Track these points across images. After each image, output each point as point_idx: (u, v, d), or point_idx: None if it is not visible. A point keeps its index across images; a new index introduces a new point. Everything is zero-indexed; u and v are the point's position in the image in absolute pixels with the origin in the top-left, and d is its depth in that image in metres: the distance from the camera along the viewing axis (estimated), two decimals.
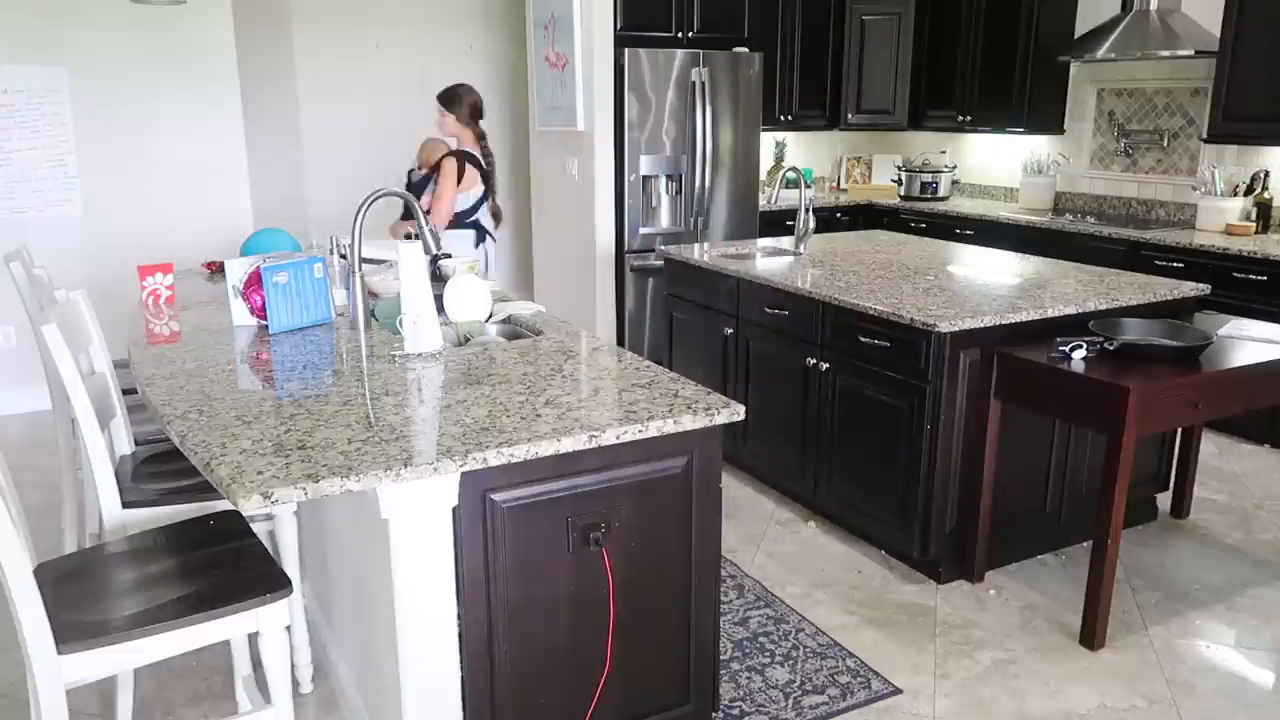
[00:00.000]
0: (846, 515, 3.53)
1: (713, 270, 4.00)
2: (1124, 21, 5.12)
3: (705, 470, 2.15)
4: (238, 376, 2.40)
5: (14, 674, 2.69)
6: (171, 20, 5.07)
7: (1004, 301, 3.22)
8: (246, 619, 1.85)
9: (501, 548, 1.95)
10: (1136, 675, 2.71)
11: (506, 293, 3.45)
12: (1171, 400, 2.77)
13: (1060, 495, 3.39)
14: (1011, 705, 2.59)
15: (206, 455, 1.81)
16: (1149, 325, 3.07)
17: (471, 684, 1.99)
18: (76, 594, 1.86)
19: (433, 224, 4.02)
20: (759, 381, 3.83)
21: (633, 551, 2.10)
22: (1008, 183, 6.39)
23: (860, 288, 3.44)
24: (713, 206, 5.58)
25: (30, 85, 4.87)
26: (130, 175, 5.16)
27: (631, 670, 2.18)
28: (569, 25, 5.33)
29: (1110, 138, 5.69)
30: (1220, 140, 4.87)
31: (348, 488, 1.69)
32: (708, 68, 5.36)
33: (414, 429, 1.94)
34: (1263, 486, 4.05)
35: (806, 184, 4.52)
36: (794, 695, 2.62)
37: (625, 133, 5.27)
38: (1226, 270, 4.48)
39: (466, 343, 2.83)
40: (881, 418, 3.23)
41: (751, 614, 3.03)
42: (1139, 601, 3.12)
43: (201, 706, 2.62)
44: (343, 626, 2.60)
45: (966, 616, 3.03)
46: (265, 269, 2.73)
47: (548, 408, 2.07)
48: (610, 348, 2.63)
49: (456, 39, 6.55)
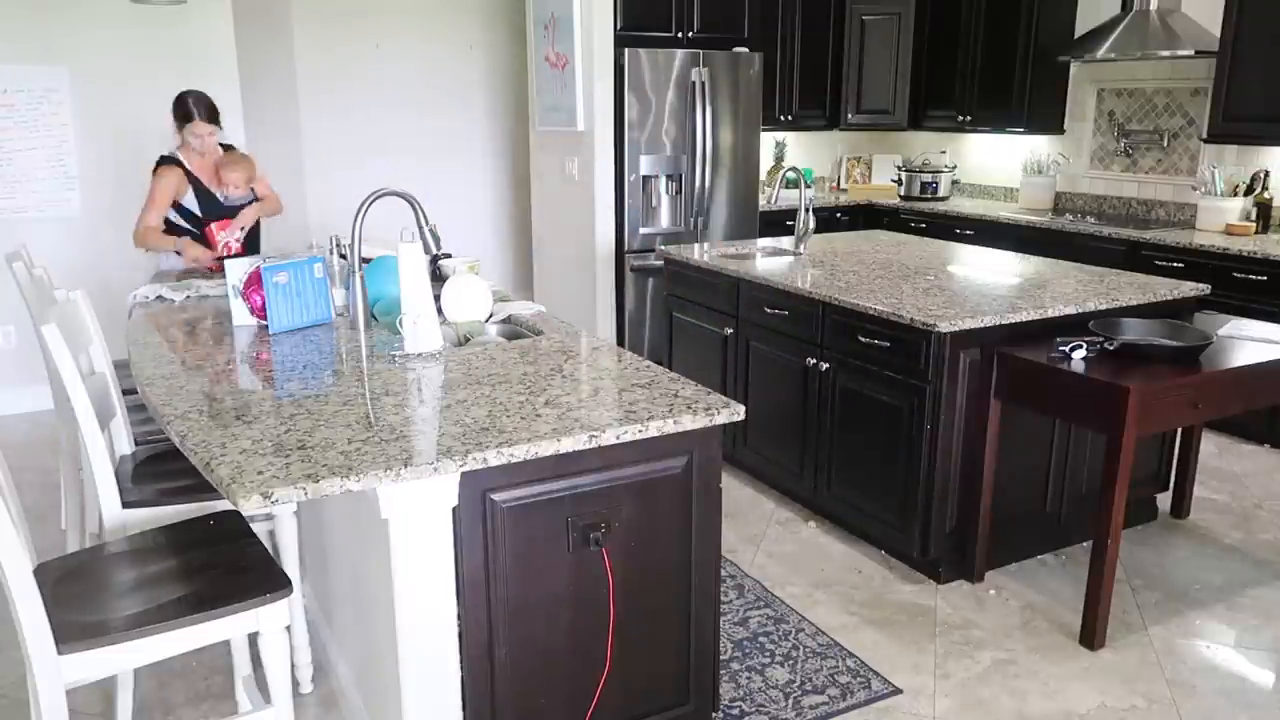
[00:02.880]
0: (846, 515, 3.53)
1: (713, 270, 4.00)
2: (1124, 21, 5.12)
3: (705, 470, 2.15)
4: (238, 376, 2.40)
5: (14, 674, 2.69)
6: (171, 20, 5.07)
7: (1004, 301, 3.22)
8: (246, 619, 1.85)
9: (501, 548, 1.95)
10: (1136, 675, 2.71)
11: (506, 293, 3.45)
12: (1171, 400, 2.77)
13: (1060, 495, 3.39)
14: (1011, 705, 2.59)
15: (206, 455, 1.81)
16: (1149, 325, 3.07)
17: (471, 684, 1.99)
18: (76, 594, 1.86)
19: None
20: (759, 381, 3.83)
21: (633, 551, 2.10)
22: (1008, 183, 6.39)
23: (860, 288, 3.44)
24: (713, 206, 5.58)
25: (30, 85, 4.87)
26: (130, 175, 5.15)
27: (631, 670, 2.18)
28: (569, 25, 5.33)
29: (1110, 138, 5.69)
30: (1220, 140, 4.87)
31: (348, 488, 1.69)
32: (708, 68, 5.36)
33: (414, 429, 1.94)
34: (1263, 486, 4.05)
35: (806, 184, 4.52)
36: (794, 695, 2.62)
37: (625, 133, 5.27)
38: (1226, 270, 4.48)
39: (466, 343, 2.83)
40: (881, 418, 3.23)
41: (751, 614, 3.03)
42: (1139, 601, 3.12)
43: (201, 706, 2.62)
44: (343, 626, 2.60)
45: (966, 616, 3.03)
46: (265, 269, 2.73)
47: (548, 408, 2.07)
48: (610, 348, 2.63)
49: (456, 39, 6.55)
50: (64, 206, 5.05)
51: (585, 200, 5.51)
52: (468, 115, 6.73)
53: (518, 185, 7.00)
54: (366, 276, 2.97)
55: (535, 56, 5.80)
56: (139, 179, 5.17)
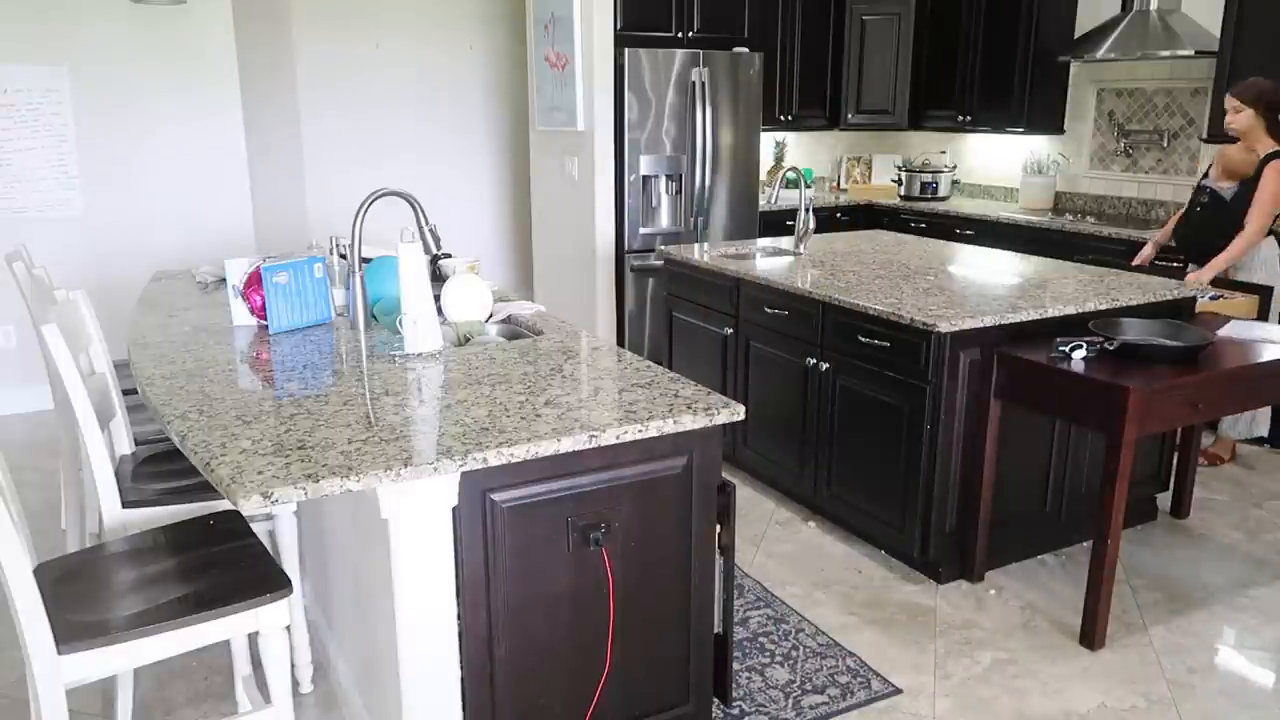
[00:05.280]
0: (846, 515, 3.53)
1: (713, 270, 4.00)
2: (1124, 22, 5.12)
3: (705, 470, 2.15)
4: (238, 376, 2.40)
5: (14, 674, 2.69)
6: (171, 20, 5.07)
7: (1004, 301, 3.22)
8: (246, 619, 1.85)
9: (501, 548, 1.95)
10: (1136, 675, 2.72)
11: (506, 293, 3.45)
12: (1171, 400, 2.77)
13: (1060, 495, 3.39)
14: (1011, 705, 2.59)
15: (206, 455, 1.81)
16: (1149, 325, 3.07)
17: (471, 684, 1.99)
18: (76, 594, 1.86)
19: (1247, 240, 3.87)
20: (759, 381, 3.83)
21: (633, 551, 2.10)
22: (1008, 183, 6.39)
23: (860, 288, 3.44)
24: (713, 206, 5.58)
25: (30, 85, 4.87)
26: (130, 175, 5.16)
27: (631, 670, 2.18)
28: (569, 25, 5.33)
29: (1110, 138, 5.69)
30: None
31: (348, 488, 1.69)
32: (708, 68, 5.36)
33: (414, 429, 1.95)
34: (1262, 486, 4.05)
35: (806, 184, 4.52)
36: (794, 695, 2.62)
37: (625, 133, 5.27)
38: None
39: (466, 343, 2.83)
40: (881, 418, 3.23)
41: (751, 614, 3.03)
42: (1139, 601, 3.12)
43: (201, 706, 2.62)
44: (343, 626, 2.60)
45: (966, 616, 3.03)
46: (265, 269, 2.73)
47: (548, 408, 2.07)
48: (610, 348, 2.63)
49: (456, 39, 6.56)
50: (64, 206, 5.05)
51: (585, 200, 5.51)
52: (468, 115, 6.73)
53: (518, 185, 7.00)
54: (366, 276, 2.97)
55: (535, 56, 5.80)
56: (139, 179, 5.20)
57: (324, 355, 2.55)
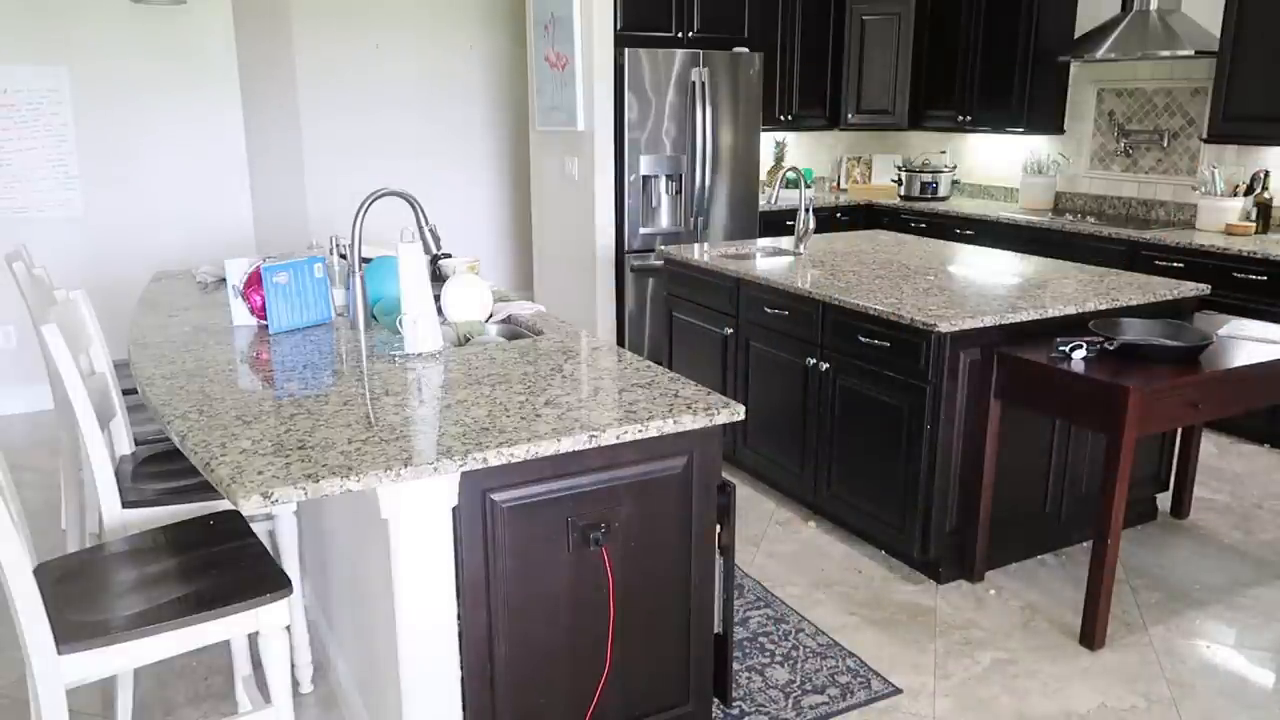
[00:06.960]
0: (846, 515, 3.53)
1: (713, 270, 4.00)
2: (1124, 21, 5.12)
3: (705, 470, 2.15)
4: (238, 376, 2.40)
5: (14, 674, 2.69)
6: (172, 20, 5.07)
7: (1004, 301, 3.22)
8: (246, 619, 1.85)
9: (501, 548, 1.95)
10: (1136, 675, 2.72)
11: (506, 293, 3.45)
12: (1171, 400, 2.77)
13: (1060, 495, 3.39)
14: (1011, 705, 2.59)
15: (206, 455, 1.81)
16: (1149, 325, 3.07)
17: (471, 684, 1.99)
18: (76, 594, 1.86)
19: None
20: (759, 381, 3.83)
21: (633, 551, 2.10)
22: (1008, 183, 6.39)
23: (860, 288, 3.44)
24: (713, 206, 5.59)
25: (30, 85, 4.87)
26: (130, 175, 5.17)
27: (631, 670, 2.18)
28: (569, 25, 5.33)
29: (1110, 138, 5.69)
30: (1220, 140, 4.87)
31: (348, 488, 1.69)
32: (708, 68, 5.37)
33: (414, 429, 1.95)
34: (1263, 486, 4.05)
35: (806, 184, 4.52)
36: (794, 695, 2.62)
37: (625, 133, 5.27)
38: (1226, 270, 4.48)
39: (466, 343, 2.83)
40: (881, 418, 3.24)
41: (751, 614, 3.03)
42: (1139, 601, 3.12)
43: (201, 706, 2.62)
44: (343, 626, 2.60)
45: (966, 616, 3.03)
46: (265, 269, 2.73)
47: (548, 408, 2.07)
48: (610, 348, 2.63)
49: (456, 39, 6.56)
50: (64, 206, 5.05)
51: (585, 200, 5.51)
52: (467, 115, 6.73)
53: (518, 185, 7.00)
54: (366, 276, 2.97)
55: (535, 56, 5.80)
56: (139, 179, 5.20)
57: (324, 355, 2.55)
